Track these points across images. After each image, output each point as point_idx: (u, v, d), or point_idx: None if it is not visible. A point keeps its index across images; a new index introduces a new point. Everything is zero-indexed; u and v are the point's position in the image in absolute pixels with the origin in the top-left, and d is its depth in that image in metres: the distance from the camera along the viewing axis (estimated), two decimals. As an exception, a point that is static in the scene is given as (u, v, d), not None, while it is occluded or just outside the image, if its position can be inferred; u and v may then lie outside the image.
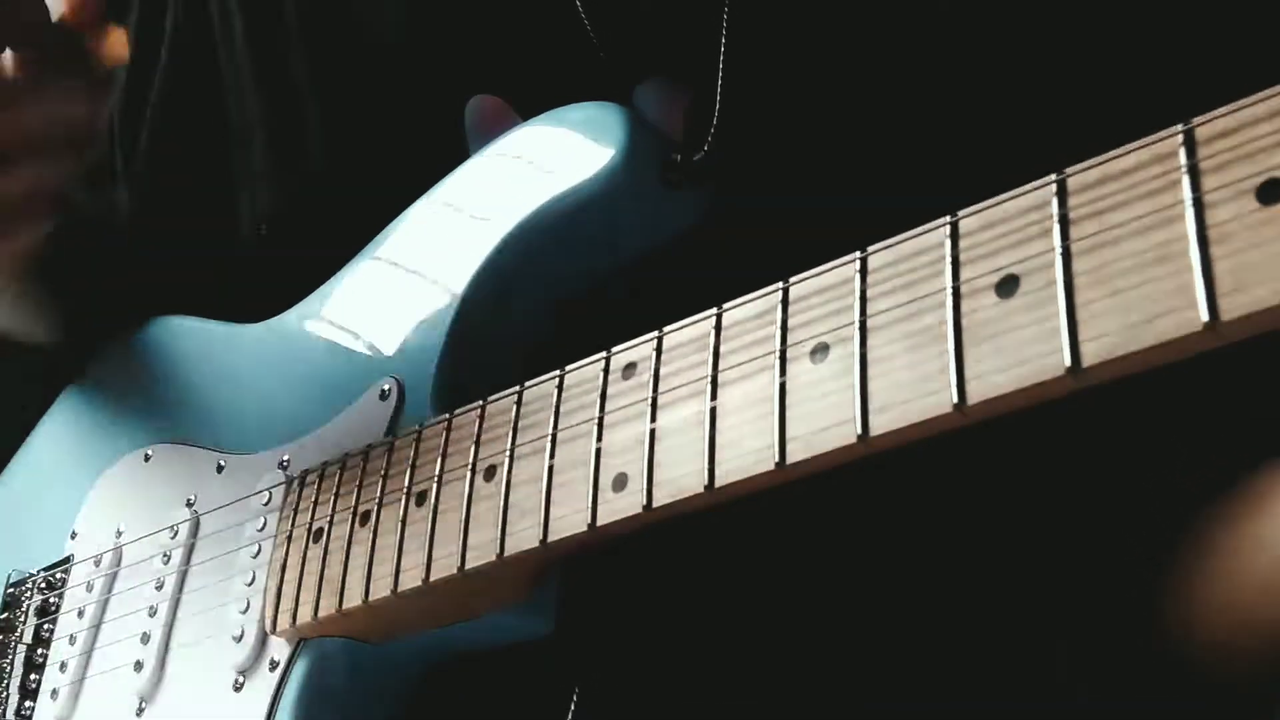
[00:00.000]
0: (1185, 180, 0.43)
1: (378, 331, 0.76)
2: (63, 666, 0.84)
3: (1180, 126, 0.44)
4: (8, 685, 0.86)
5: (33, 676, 0.85)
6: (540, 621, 0.65)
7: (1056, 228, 0.46)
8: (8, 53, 0.71)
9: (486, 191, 0.73)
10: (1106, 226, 0.45)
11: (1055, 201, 0.46)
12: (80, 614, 0.85)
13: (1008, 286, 0.47)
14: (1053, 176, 0.47)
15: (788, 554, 0.68)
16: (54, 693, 0.83)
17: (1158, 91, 0.55)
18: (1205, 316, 0.41)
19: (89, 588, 0.85)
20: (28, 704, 0.85)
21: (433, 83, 0.80)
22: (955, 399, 0.47)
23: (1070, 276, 0.45)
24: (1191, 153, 0.43)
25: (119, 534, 0.86)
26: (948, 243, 0.49)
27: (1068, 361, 0.44)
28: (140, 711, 0.77)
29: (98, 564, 0.86)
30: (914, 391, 0.48)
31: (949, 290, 0.48)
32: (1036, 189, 0.47)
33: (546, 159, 0.71)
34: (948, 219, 0.49)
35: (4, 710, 0.85)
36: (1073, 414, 0.49)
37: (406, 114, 0.82)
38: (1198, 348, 0.42)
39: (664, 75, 0.72)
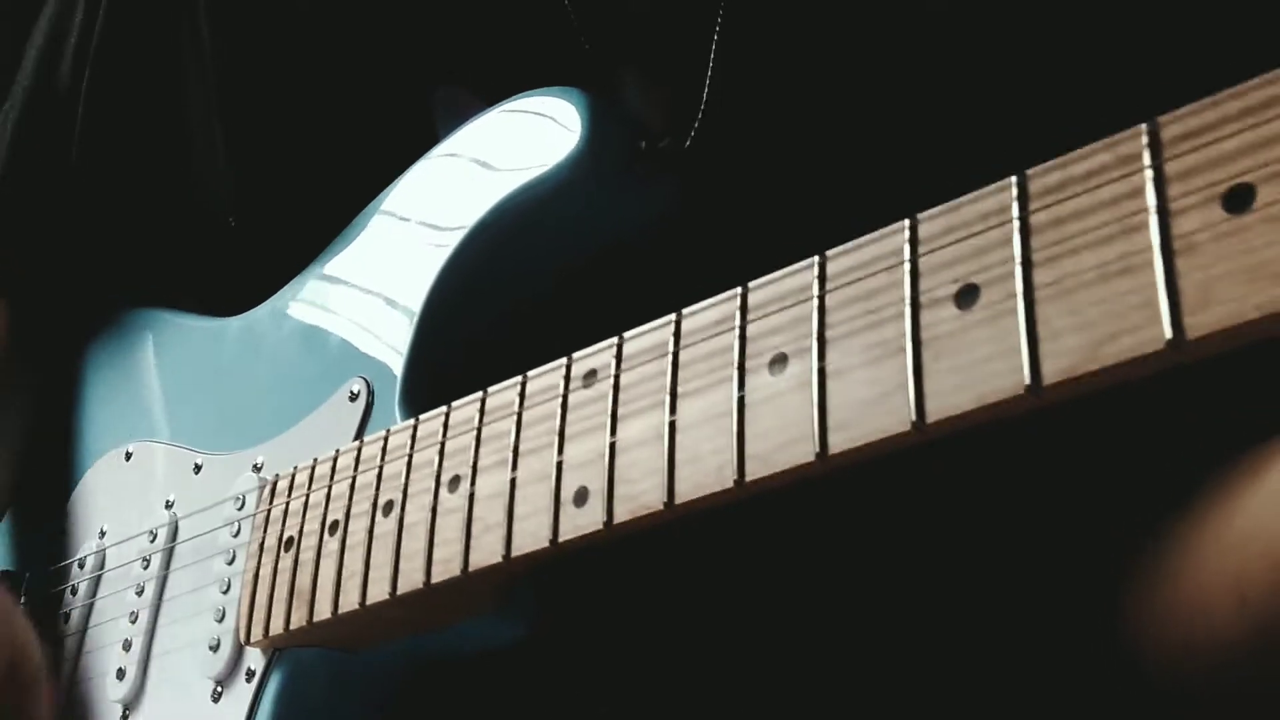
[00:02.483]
0: (1149, 186, 0.40)
1: (348, 331, 0.74)
2: (50, 672, 0.83)
3: (1145, 125, 0.41)
4: (-2, 689, 0.85)
5: (22, 680, 0.85)
6: (516, 629, 0.64)
7: (1017, 235, 0.43)
8: None
9: (449, 186, 0.71)
10: (1068, 235, 0.42)
11: (1015, 206, 0.44)
12: (66, 619, 0.84)
13: (967, 297, 0.44)
14: (1013, 179, 0.44)
15: (770, 553, 0.67)
16: (42, 697, 0.83)
17: (1140, 79, 0.52)
18: (1169, 334, 0.39)
19: (73, 591, 0.85)
20: (19, 707, 0.85)
21: (405, 70, 0.78)
22: (914, 417, 0.44)
23: (1030, 288, 0.42)
24: (1156, 154, 0.41)
25: (102, 534, 0.85)
26: (907, 248, 0.46)
27: (1028, 380, 0.42)
28: (124, 718, 0.76)
29: (82, 566, 0.85)
30: (872, 409, 0.46)
31: (908, 301, 0.46)
32: (996, 192, 0.44)
33: (509, 149, 0.69)
34: (907, 222, 0.47)
35: (-4, 714, 0.85)
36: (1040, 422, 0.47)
37: (377, 101, 0.80)
38: (1162, 366, 0.40)
39: (648, 59, 0.70)
